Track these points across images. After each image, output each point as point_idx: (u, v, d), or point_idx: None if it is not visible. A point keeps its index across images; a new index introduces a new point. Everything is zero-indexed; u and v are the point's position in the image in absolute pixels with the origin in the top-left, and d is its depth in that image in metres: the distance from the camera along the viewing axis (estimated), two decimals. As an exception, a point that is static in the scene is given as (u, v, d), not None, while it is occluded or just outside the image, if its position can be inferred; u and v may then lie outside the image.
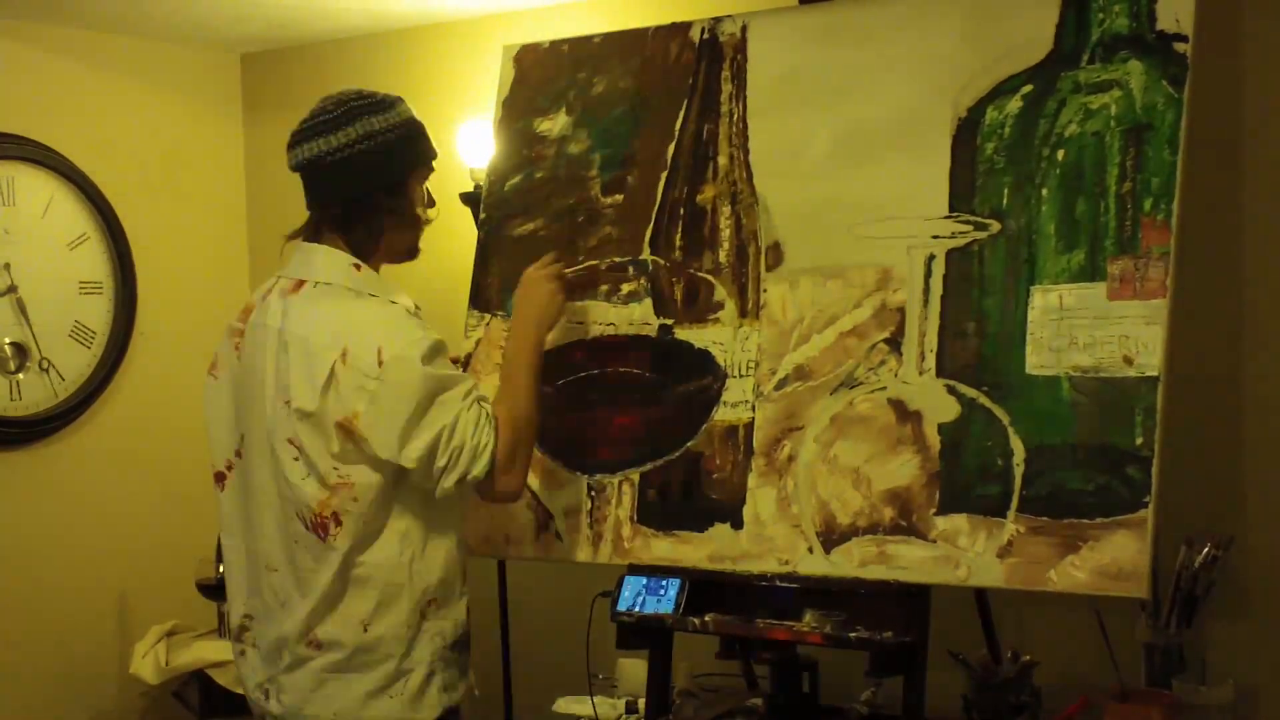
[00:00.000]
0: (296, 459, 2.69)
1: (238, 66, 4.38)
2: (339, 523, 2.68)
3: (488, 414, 2.71)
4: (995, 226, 2.74)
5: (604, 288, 3.12)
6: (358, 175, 2.76)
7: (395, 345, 2.65)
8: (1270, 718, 2.93)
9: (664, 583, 2.93)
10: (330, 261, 2.76)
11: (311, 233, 2.82)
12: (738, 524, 2.88)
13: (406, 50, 4.06)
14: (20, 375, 3.84)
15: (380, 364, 2.63)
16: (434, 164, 2.88)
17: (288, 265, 2.83)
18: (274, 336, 2.73)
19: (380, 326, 2.69)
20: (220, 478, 2.86)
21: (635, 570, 2.97)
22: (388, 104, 2.81)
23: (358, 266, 2.77)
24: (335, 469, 2.67)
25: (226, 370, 2.85)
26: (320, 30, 4.07)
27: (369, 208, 2.78)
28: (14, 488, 3.86)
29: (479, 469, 2.68)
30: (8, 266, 3.84)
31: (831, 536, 2.78)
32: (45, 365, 3.89)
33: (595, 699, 3.30)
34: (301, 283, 2.76)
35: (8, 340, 3.83)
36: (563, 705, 3.42)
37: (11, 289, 3.83)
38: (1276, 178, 2.93)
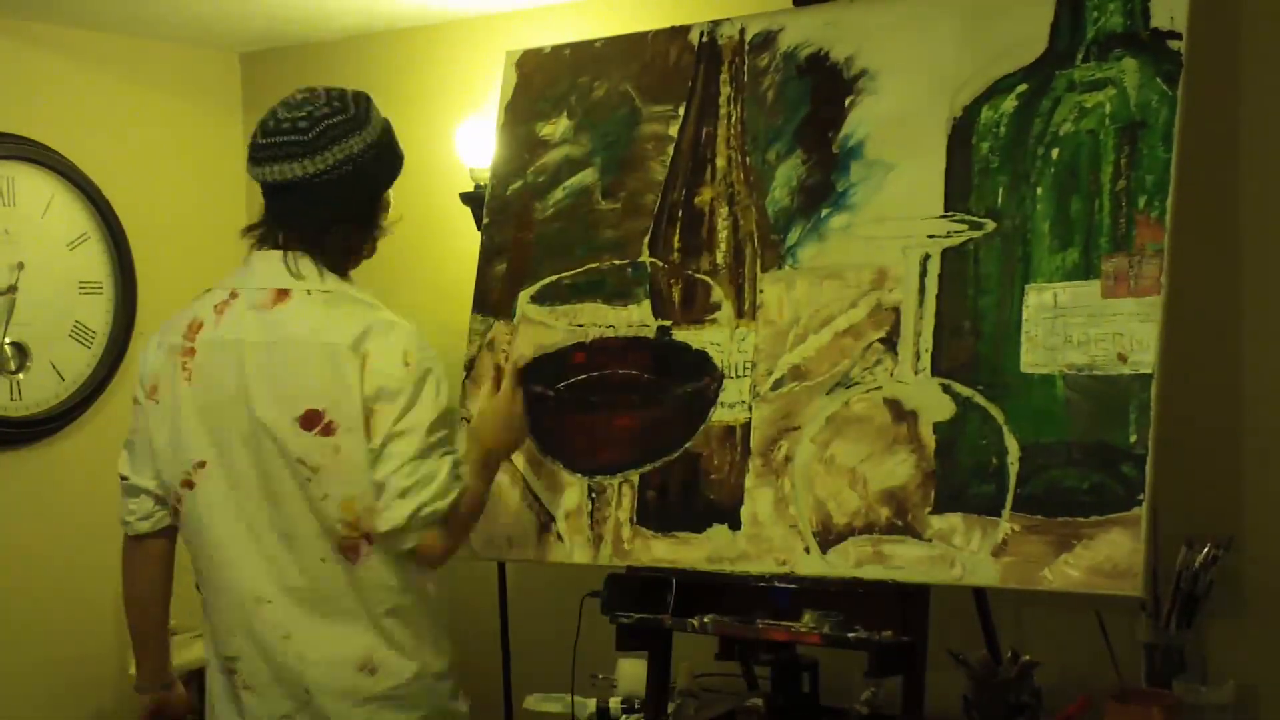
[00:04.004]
0: (309, 480, 2.60)
1: (237, 66, 4.38)
2: (370, 542, 2.63)
3: (459, 470, 2.67)
4: (990, 225, 2.73)
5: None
6: (336, 200, 2.66)
7: (418, 354, 2.61)
8: (1271, 718, 2.92)
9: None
10: (316, 269, 2.66)
11: (275, 242, 2.69)
12: (735, 525, 2.88)
13: (406, 50, 4.06)
14: (20, 375, 3.84)
15: (406, 365, 2.59)
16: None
17: (249, 275, 2.69)
18: (259, 352, 2.63)
19: (400, 332, 2.63)
20: (176, 503, 2.74)
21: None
22: (362, 117, 2.67)
23: (342, 274, 2.70)
24: (373, 485, 2.60)
25: (172, 394, 2.70)
26: (320, 30, 4.07)
27: (345, 226, 2.70)
28: (14, 488, 3.86)
29: (444, 504, 2.61)
30: (21, 266, 3.85)
31: (828, 537, 2.78)
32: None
33: (572, 697, 3.32)
34: (285, 292, 2.64)
35: (8, 340, 3.84)
36: (531, 703, 3.43)
37: (11, 289, 3.83)
38: (1271, 174, 2.92)
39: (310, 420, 2.58)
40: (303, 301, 2.63)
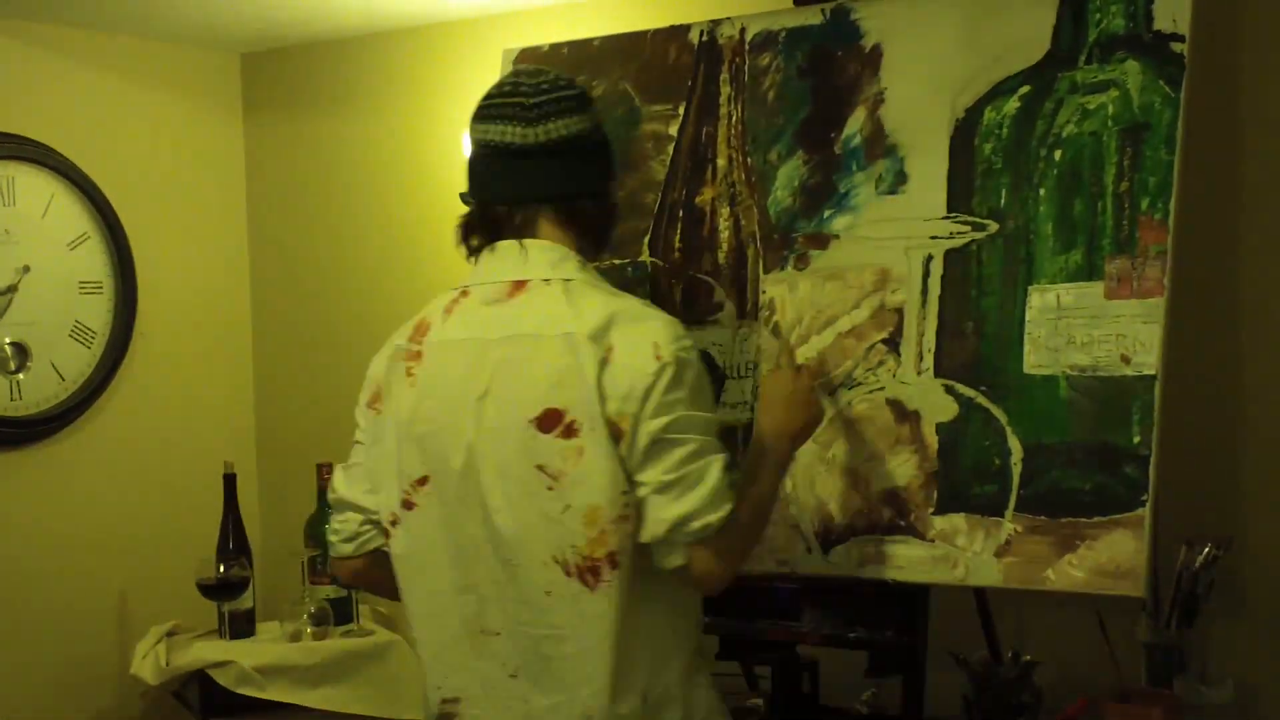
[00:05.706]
0: (550, 488, 2.29)
1: (238, 66, 4.38)
2: (615, 565, 2.30)
3: (733, 477, 2.36)
4: (993, 227, 2.74)
5: None
6: (604, 162, 2.50)
7: (672, 346, 2.31)
8: (1271, 718, 2.93)
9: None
10: (556, 257, 2.40)
11: (514, 233, 2.44)
12: (737, 524, 2.88)
13: (406, 50, 4.06)
14: (20, 375, 3.84)
15: (658, 359, 2.28)
16: None
17: (480, 271, 2.45)
18: (496, 349, 2.36)
19: (651, 322, 2.34)
20: (391, 524, 2.47)
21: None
22: (586, 99, 2.51)
23: (583, 266, 2.42)
24: (623, 495, 2.29)
25: (394, 401, 2.45)
26: (320, 30, 4.07)
27: (603, 199, 2.50)
28: (14, 488, 3.86)
29: (715, 517, 2.29)
30: (26, 269, 3.85)
31: (829, 536, 2.78)
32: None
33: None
34: (521, 283, 2.39)
35: (8, 340, 3.83)
36: None
37: (11, 289, 3.83)
38: (1274, 176, 2.93)
39: (549, 421, 2.30)
40: (539, 292, 2.37)
